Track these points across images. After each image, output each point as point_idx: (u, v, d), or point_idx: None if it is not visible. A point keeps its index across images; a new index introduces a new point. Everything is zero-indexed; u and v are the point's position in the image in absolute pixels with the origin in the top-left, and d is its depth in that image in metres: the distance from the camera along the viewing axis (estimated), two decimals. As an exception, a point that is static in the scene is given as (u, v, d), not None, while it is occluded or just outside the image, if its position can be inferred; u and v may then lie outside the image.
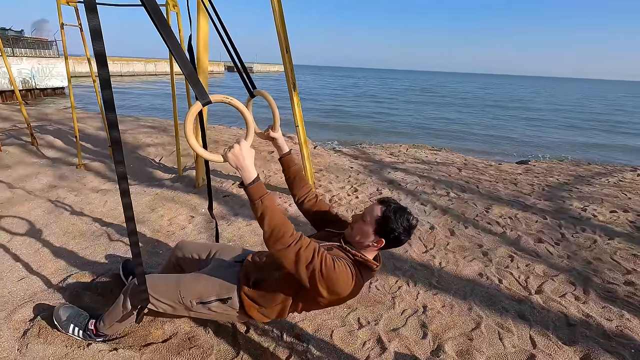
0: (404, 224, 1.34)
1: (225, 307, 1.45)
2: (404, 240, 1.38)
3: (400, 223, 1.34)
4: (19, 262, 2.31)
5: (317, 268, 1.21)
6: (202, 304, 1.45)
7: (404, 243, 1.41)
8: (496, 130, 14.48)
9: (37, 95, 19.80)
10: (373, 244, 1.37)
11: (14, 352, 1.63)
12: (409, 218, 1.36)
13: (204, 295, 1.45)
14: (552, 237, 3.13)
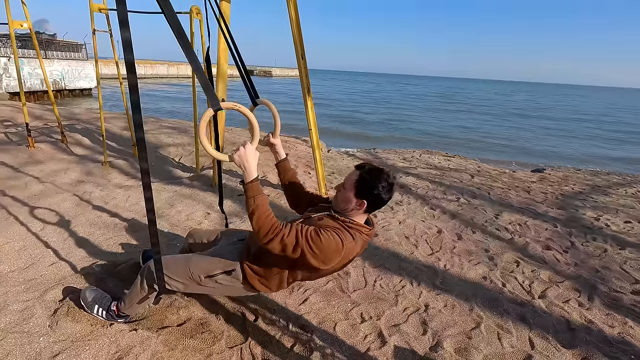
0: (382, 183, 1.41)
1: (230, 279, 1.59)
2: (385, 198, 1.44)
3: (378, 182, 1.40)
4: (50, 249, 2.51)
5: (304, 247, 1.32)
6: (209, 278, 1.59)
7: (387, 201, 1.47)
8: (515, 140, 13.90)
9: (66, 95, 20.75)
10: (357, 207, 1.45)
11: (45, 327, 1.80)
12: (386, 176, 1.42)
13: (210, 270, 1.60)
14: (560, 245, 3.13)
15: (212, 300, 2.12)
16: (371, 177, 1.42)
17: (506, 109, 29.99)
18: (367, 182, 1.42)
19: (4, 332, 1.75)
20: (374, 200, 1.44)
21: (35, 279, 2.17)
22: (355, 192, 1.44)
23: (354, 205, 1.46)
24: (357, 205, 1.46)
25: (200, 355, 1.73)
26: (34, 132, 6.01)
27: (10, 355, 1.63)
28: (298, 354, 1.78)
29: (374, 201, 1.45)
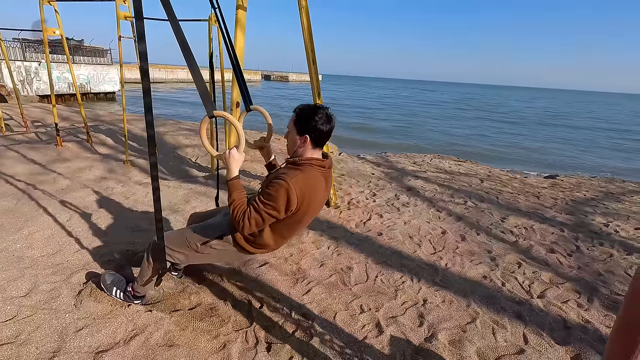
0: (317, 115, 1.51)
1: (223, 243, 1.75)
2: (324, 129, 1.53)
3: (313, 114, 1.51)
4: (75, 237, 2.72)
5: (264, 210, 1.49)
6: (205, 245, 1.76)
7: (328, 132, 1.55)
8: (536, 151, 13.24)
9: (91, 98, 21.62)
10: (302, 144, 1.57)
11: (71, 306, 1.98)
12: (320, 109, 1.53)
13: (204, 237, 1.76)
14: (565, 249, 3.15)
15: (221, 288, 2.27)
16: (306, 112, 1.53)
17: (525, 115, 29.35)
18: (303, 118, 1.54)
19: (34, 309, 1.94)
20: (314, 132, 1.53)
21: (62, 264, 2.37)
22: (297, 131, 1.57)
23: (300, 143, 1.57)
24: (302, 143, 1.56)
25: (209, 336, 1.87)
26: (61, 132, 6.37)
27: (39, 328, 1.81)
28: (299, 339, 1.89)
29: (315, 133, 1.53)
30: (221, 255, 1.84)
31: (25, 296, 2.04)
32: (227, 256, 1.88)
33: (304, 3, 3.39)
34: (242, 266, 2.52)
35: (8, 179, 3.86)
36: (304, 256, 2.73)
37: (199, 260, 1.88)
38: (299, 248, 2.84)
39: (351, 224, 3.38)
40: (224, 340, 1.85)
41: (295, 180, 1.48)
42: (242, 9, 3.63)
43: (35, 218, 2.97)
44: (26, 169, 4.25)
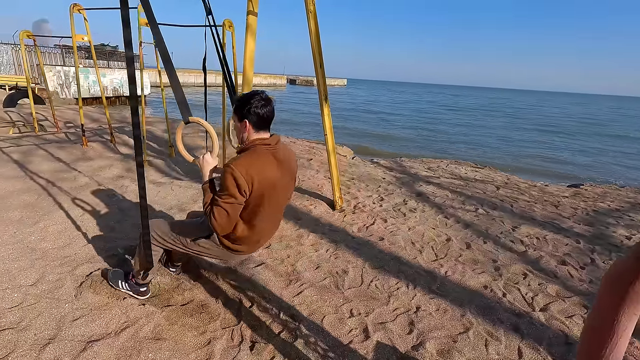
0: (252, 99, 1.57)
1: (210, 243, 1.80)
2: (262, 111, 1.58)
3: (249, 99, 1.57)
4: (85, 232, 2.86)
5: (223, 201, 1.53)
6: (193, 242, 1.82)
7: (267, 114, 1.60)
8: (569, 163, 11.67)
9: (124, 101, 22.67)
10: (244, 130, 1.63)
11: (72, 296, 2.09)
12: (256, 94, 1.59)
13: (193, 234, 1.82)
14: (578, 261, 2.98)
15: (215, 285, 2.32)
16: (243, 99, 1.60)
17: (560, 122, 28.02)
18: (241, 104, 1.60)
19: (38, 297, 2.06)
20: (252, 115, 1.59)
21: (70, 256, 2.51)
22: (237, 118, 1.64)
23: (243, 130, 1.64)
24: (243, 128, 1.63)
25: (196, 332, 1.92)
26: (89, 132, 6.73)
27: (40, 315, 1.92)
28: (283, 339, 1.90)
29: (253, 116, 1.59)
30: (210, 252, 1.88)
31: (32, 285, 2.17)
32: (219, 254, 1.90)
33: (311, 8, 3.43)
34: (238, 265, 2.57)
35: (33, 175, 4.11)
36: (300, 258, 2.74)
37: (190, 252, 1.93)
38: (297, 250, 2.86)
39: (353, 228, 3.36)
40: (209, 337, 1.88)
41: (237, 162, 1.53)
42: (252, 15, 3.71)
43: (52, 213, 3.15)
44: (51, 166, 4.51)
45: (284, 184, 1.72)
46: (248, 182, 1.53)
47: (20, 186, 3.73)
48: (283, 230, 3.21)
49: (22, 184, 3.79)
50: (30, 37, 5.93)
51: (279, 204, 1.78)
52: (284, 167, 1.69)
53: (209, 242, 1.83)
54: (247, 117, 1.61)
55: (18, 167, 4.35)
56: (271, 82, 58.36)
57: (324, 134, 3.75)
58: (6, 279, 2.20)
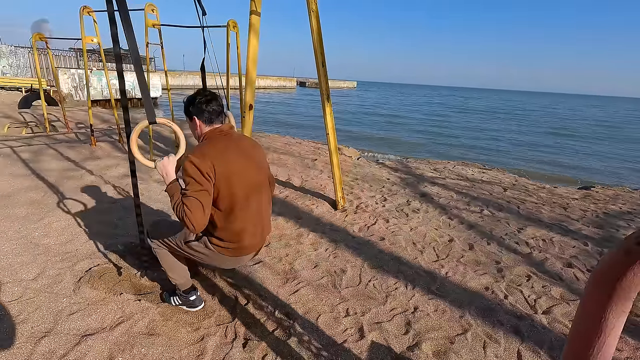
0: (197, 97, 1.66)
1: (202, 246, 1.76)
2: (206, 107, 1.65)
3: (193, 98, 1.67)
4: (88, 228, 2.90)
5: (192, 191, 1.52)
6: (187, 245, 1.80)
7: (211, 109, 1.66)
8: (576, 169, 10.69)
9: (135, 104, 23.05)
10: (195, 127, 1.71)
11: (70, 291, 2.11)
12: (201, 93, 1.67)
13: (186, 237, 1.80)
14: (585, 264, 2.90)
15: (212, 283, 2.32)
16: (188, 100, 1.70)
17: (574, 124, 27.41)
18: (187, 104, 1.70)
19: (38, 291, 2.09)
20: (198, 112, 1.66)
21: (71, 252, 2.54)
22: (188, 118, 1.72)
23: (195, 128, 1.72)
24: (195, 125, 1.71)
25: (190, 328, 1.92)
26: (98, 132, 6.86)
27: (38, 309, 1.94)
28: (277, 337, 1.89)
29: (200, 112, 1.66)
30: (206, 257, 1.83)
31: (32, 279, 2.20)
32: (214, 258, 1.84)
33: (314, 7, 3.43)
34: (236, 263, 2.56)
35: (42, 173, 4.20)
36: (299, 257, 2.72)
37: (186, 255, 1.89)
38: (296, 249, 2.84)
39: (354, 228, 3.33)
40: (203, 333, 1.88)
41: (194, 152, 1.57)
42: (255, 14, 3.73)
43: (57, 209, 3.20)
44: (60, 165, 4.60)
45: (250, 166, 1.69)
46: (209, 165, 1.53)
47: (28, 184, 3.81)
48: (283, 229, 3.20)
49: (30, 182, 3.87)
50: (43, 40, 6.07)
51: (250, 188, 1.70)
52: (244, 149, 1.71)
53: (201, 244, 1.78)
54: (195, 115, 1.68)
55: (28, 166, 4.44)
56: (281, 84, 58.66)
57: (325, 133, 3.74)
58: (8, 273, 2.24)
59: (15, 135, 6.33)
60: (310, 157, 6.03)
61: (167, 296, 2.10)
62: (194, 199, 1.50)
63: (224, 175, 1.58)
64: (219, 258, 1.83)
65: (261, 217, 1.82)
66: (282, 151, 6.54)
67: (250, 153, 1.73)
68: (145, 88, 1.65)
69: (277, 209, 3.64)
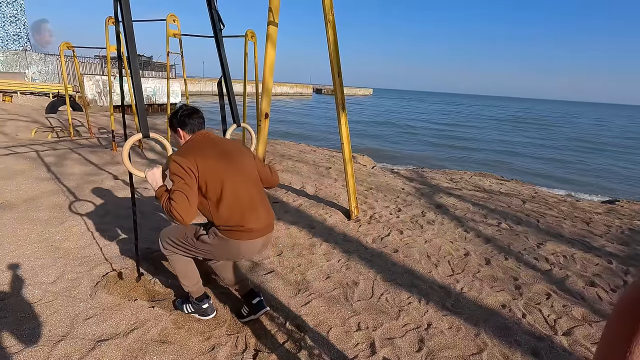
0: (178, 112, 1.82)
1: (212, 235, 1.78)
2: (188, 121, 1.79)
3: (175, 113, 1.83)
4: (106, 233, 2.97)
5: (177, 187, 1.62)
6: (199, 240, 1.81)
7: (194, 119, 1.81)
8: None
9: (156, 109, 23.68)
10: (179, 137, 1.86)
11: (87, 295, 2.16)
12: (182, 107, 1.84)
13: (197, 232, 1.84)
14: (609, 283, 2.78)
15: (223, 291, 2.33)
16: (172, 114, 1.85)
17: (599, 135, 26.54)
18: (171, 118, 1.86)
19: (56, 295, 2.14)
20: (181, 124, 1.80)
21: (89, 256, 2.60)
22: (173, 131, 1.87)
23: (178, 138, 1.86)
24: (179, 137, 1.85)
25: (201, 337, 1.93)
26: (118, 137, 7.05)
27: (56, 313, 1.99)
28: (287, 350, 1.87)
29: (183, 124, 1.80)
30: (219, 249, 1.82)
31: (52, 283, 2.26)
32: (227, 250, 1.83)
33: (330, 18, 3.45)
34: (248, 272, 2.58)
35: (65, 177, 4.34)
36: (311, 267, 2.71)
37: (200, 253, 1.89)
38: (309, 259, 2.83)
39: (368, 239, 3.30)
40: (214, 343, 1.89)
41: (177, 152, 1.71)
42: (273, 25, 3.79)
43: (77, 213, 3.30)
44: (82, 169, 4.75)
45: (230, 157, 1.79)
46: (190, 161, 1.65)
47: (51, 188, 3.94)
48: (296, 238, 3.20)
49: (53, 186, 4.00)
50: (70, 48, 6.33)
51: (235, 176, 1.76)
52: (222, 144, 1.84)
53: (211, 236, 1.79)
54: (179, 126, 1.81)
55: (51, 170, 4.60)
56: (297, 91, 59.16)
57: (340, 142, 3.74)
58: (29, 276, 2.31)
59: (41, 139, 6.58)
60: (325, 165, 6.03)
61: (179, 303, 2.12)
62: (178, 192, 1.61)
63: (208, 168, 1.69)
64: (232, 247, 1.80)
65: (255, 203, 1.82)
66: (296, 159, 6.58)
67: (229, 147, 1.86)
68: (141, 101, 1.76)
69: (290, 218, 3.65)
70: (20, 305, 2.03)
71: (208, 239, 1.80)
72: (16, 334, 1.82)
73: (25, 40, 20.75)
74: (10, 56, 17.94)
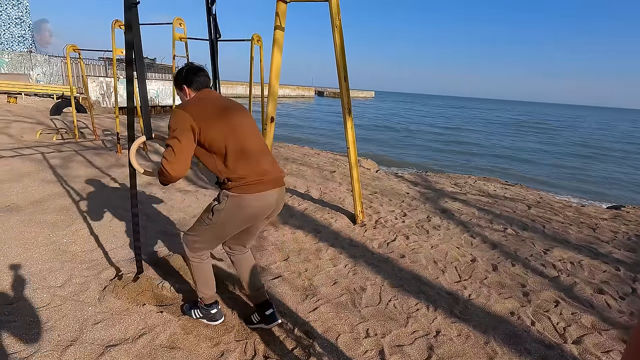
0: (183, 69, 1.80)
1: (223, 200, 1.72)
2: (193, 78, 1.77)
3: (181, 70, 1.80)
4: (113, 237, 2.97)
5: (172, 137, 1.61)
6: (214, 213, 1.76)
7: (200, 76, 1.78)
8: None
9: (158, 111, 23.77)
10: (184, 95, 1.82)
11: (95, 300, 2.16)
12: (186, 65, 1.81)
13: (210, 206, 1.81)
14: (618, 290, 2.76)
15: (231, 296, 2.33)
16: (177, 72, 1.83)
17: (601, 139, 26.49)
18: (176, 77, 1.83)
19: (64, 299, 2.14)
20: (187, 81, 1.78)
21: (97, 260, 2.60)
22: (178, 89, 1.84)
23: (184, 96, 1.82)
24: (185, 94, 1.81)
25: (210, 343, 1.92)
26: (124, 140, 7.07)
27: (65, 317, 1.99)
28: (296, 356, 1.87)
29: (189, 82, 1.78)
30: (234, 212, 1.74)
31: (60, 287, 2.26)
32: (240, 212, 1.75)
33: (337, 22, 3.46)
34: (255, 277, 2.57)
35: (71, 180, 4.35)
36: (318, 272, 2.70)
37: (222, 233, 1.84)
38: (315, 264, 2.83)
39: (374, 244, 3.29)
40: (223, 349, 1.88)
41: (178, 106, 1.70)
42: (279, 29, 3.80)
43: (84, 216, 3.30)
44: (87, 172, 4.76)
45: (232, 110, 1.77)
46: (192, 114, 1.63)
47: (57, 190, 3.95)
48: (302, 242, 3.19)
49: (59, 189, 4.01)
50: (76, 51, 6.36)
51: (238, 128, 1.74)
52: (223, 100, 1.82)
53: (222, 202, 1.73)
54: (185, 84, 1.79)
55: (57, 172, 4.62)
56: (300, 93, 59.33)
57: (346, 146, 3.74)
58: (37, 279, 2.31)
59: (47, 141, 6.60)
60: (329, 169, 6.03)
61: (187, 309, 2.12)
62: (168, 148, 1.61)
63: (211, 122, 1.66)
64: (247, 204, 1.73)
65: (261, 154, 1.79)
66: (300, 162, 6.58)
67: (231, 103, 1.84)
68: (146, 105, 1.80)
69: (296, 222, 3.64)
70: (29, 309, 2.03)
71: (221, 205, 1.73)
72: (25, 338, 1.81)
73: (30, 42, 20.89)
74: (15, 58, 18.04)
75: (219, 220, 1.77)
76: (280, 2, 3.68)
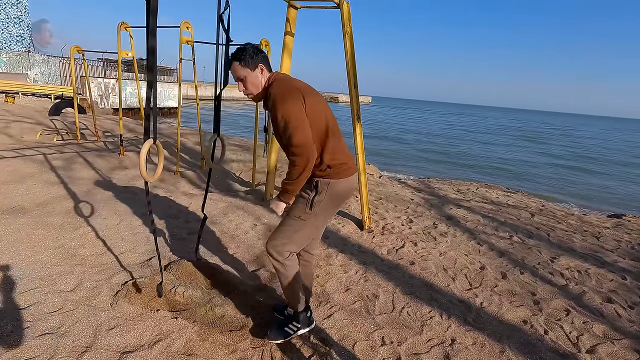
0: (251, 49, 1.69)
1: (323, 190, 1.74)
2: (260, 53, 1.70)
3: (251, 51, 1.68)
4: (122, 240, 2.95)
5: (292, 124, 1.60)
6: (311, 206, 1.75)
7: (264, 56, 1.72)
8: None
9: (164, 113, 23.67)
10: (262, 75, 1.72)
11: (107, 305, 2.13)
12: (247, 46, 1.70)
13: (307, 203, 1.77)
14: (626, 300, 2.78)
15: (246, 303, 2.31)
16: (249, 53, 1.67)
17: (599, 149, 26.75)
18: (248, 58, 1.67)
19: (76, 304, 2.11)
20: (264, 61, 1.72)
21: (107, 264, 2.58)
22: (251, 70, 1.69)
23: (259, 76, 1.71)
24: (260, 74, 1.71)
25: (226, 350, 1.90)
26: (125, 142, 7.03)
27: (78, 323, 1.96)
28: (314, 364, 1.86)
29: (266, 61, 1.73)
30: (332, 200, 1.77)
31: (71, 291, 2.23)
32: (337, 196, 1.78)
33: (348, 30, 3.48)
34: (268, 282, 2.56)
35: (75, 181, 4.31)
36: (330, 279, 2.70)
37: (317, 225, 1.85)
38: (326, 270, 2.82)
39: (383, 250, 3.29)
40: (240, 356, 1.87)
41: (281, 90, 1.64)
42: (289, 35, 3.82)
43: (91, 219, 3.27)
44: (91, 174, 4.72)
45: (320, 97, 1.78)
46: (295, 88, 1.64)
47: (62, 192, 3.91)
48: (312, 248, 3.18)
49: (64, 190, 3.97)
50: (80, 52, 6.33)
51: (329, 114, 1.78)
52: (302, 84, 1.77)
53: (321, 192, 1.73)
54: (262, 62, 1.71)
55: (61, 174, 4.57)
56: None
57: (355, 152, 3.74)
58: (48, 283, 2.28)
59: (47, 142, 6.54)
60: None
61: (278, 334, 1.92)
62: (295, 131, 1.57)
63: (313, 105, 1.67)
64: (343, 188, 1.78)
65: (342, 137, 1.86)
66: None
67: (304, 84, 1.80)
68: (155, 107, 1.79)
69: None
70: (42, 314, 2.00)
71: (320, 197, 1.73)
72: (39, 344, 1.79)
73: (29, 42, 20.77)
74: (13, 57, 17.93)
75: (319, 211, 1.77)
76: (290, 8, 3.71)
